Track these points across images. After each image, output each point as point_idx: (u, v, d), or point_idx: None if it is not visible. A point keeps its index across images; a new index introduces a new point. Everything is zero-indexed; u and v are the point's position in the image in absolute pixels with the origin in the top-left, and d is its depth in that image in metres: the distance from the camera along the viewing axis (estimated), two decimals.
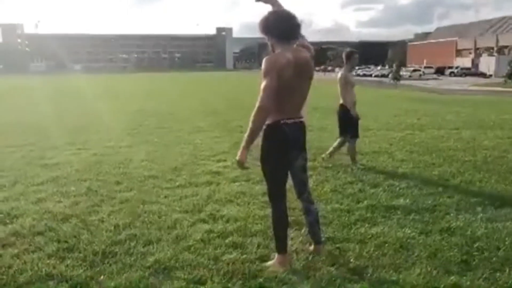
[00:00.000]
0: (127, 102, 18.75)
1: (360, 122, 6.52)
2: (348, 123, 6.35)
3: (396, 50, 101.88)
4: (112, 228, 4.00)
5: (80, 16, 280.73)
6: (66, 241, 3.70)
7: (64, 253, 3.48)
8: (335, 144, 6.66)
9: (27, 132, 10.03)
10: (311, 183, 5.45)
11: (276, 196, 3.23)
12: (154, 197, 4.96)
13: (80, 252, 3.49)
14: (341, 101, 6.37)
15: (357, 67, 49.38)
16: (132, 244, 3.64)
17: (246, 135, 2.97)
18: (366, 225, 4.06)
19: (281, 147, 3.12)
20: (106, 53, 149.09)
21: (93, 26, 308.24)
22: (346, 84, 6.28)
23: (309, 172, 5.88)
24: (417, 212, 4.41)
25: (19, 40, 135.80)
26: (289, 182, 3.33)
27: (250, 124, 2.96)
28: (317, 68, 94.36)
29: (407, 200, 4.76)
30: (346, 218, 4.23)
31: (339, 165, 6.43)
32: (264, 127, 3.05)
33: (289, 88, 3.00)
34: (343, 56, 6.34)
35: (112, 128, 10.58)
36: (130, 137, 9.15)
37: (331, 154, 6.66)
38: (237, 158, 3.00)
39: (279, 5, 3.35)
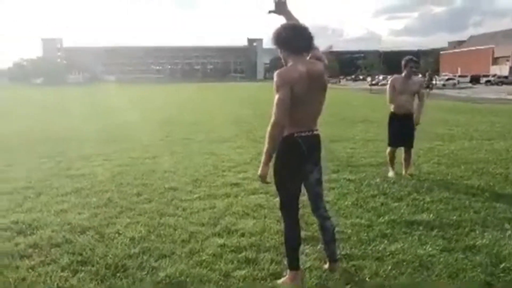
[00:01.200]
0: (156, 113, 19.04)
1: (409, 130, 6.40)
2: (391, 129, 6.40)
3: (429, 58, 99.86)
4: (127, 241, 4.01)
5: (116, 29, 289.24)
6: (81, 254, 3.72)
7: (77, 266, 3.50)
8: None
9: (58, 142, 10.27)
10: (332, 196, 5.39)
11: (289, 210, 3.16)
12: (172, 209, 4.96)
13: (93, 265, 3.50)
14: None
15: (388, 76, 48.55)
16: (145, 257, 3.63)
17: (264, 150, 2.94)
18: (385, 241, 3.92)
19: (295, 160, 3.06)
20: (140, 65, 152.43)
21: (129, 38, 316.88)
22: (392, 90, 6.27)
23: (332, 185, 5.87)
24: (440, 228, 4.23)
25: (58, 54, 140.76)
26: (306, 197, 3.26)
27: (266, 140, 2.93)
28: (348, 78, 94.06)
29: (431, 215, 4.59)
30: (365, 234, 4.10)
31: (363, 178, 6.29)
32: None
33: (302, 100, 2.95)
34: (402, 63, 6.30)
35: (139, 138, 10.72)
36: (155, 148, 9.24)
37: (406, 168, 6.50)
38: (259, 173, 2.98)
39: (292, 17, 3.32)
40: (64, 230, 4.31)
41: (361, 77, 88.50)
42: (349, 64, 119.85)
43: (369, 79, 64.15)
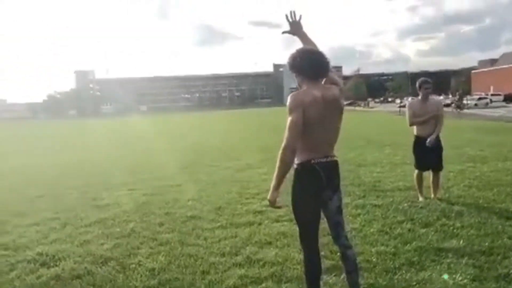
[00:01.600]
0: (183, 140, 19.27)
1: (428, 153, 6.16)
2: (415, 153, 6.33)
3: (459, 78, 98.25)
4: (148, 272, 3.99)
5: (146, 60, 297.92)
6: (100, 286, 3.72)
7: None
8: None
9: (86, 173, 10.48)
10: (358, 223, 5.24)
11: (308, 240, 3.06)
12: (194, 238, 4.92)
13: None
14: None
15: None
16: None
17: (274, 174, 2.88)
18: (412, 270, 3.76)
19: (313, 187, 2.98)
20: (170, 94, 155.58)
21: (158, 68, 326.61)
22: (412, 114, 6.19)
23: (358, 211, 5.73)
24: (471, 255, 4.03)
25: (91, 85, 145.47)
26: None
27: (277, 163, 2.87)
28: (376, 100, 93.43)
29: (461, 242, 4.38)
30: (391, 262, 3.94)
31: (389, 203, 6.11)
32: (294, 166, 2.95)
33: (317, 125, 2.89)
34: (416, 86, 6.22)
35: (165, 166, 10.83)
36: (180, 176, 9.29)
37: (434, 191, 6.31)
38: (268, 198, 2.92)
39: (307, 38, 3.32)
40: (86, 262, 4.33)
41: (389, 99, 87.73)
42: (377, 86, 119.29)
43: (397, 101, 63.41)
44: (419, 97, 6.19)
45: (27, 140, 25.56)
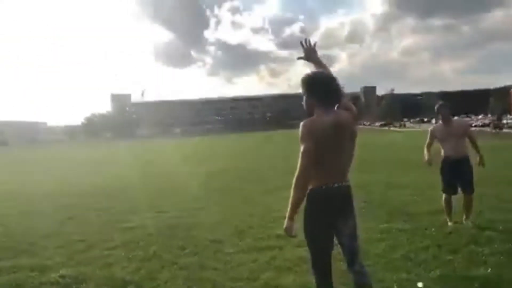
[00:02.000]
0: (212, 163, 19.41)
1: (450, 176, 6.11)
2: (442, 176, 6.23)
3: (498, 97, 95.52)
4: None
5: (177, 83, 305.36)
6: None
7: None
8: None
9: (114, 195, 10.67)
10: (381, 248, 5.10)
11: (319, 267, 3.01)
12: (214, 262, 4.90)
13: None
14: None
15: (455, 117, 46.57)
16: None
17: (289, 204, 2.85)
18: None
19: (325, 213, 2.94)
20: (203, 116, 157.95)
21: (191, 91, 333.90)
22: (432, 138, 6.21)
23: (382, 235, 5.58)
24: (499, 284, 3.85)
25: (127, 109, 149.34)
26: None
27: (291, 192, 2.85)
28: (411, 120, 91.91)
29: (489, 270, 4.19)
30: None
31: (416, 228, 5.93)
32: (307, 192, 2.92)
33: (329, 152, 2.87)
34: (435, 110, 6.19)
35: (192, 189, 10.92)
36: (206, 199, 9.33)
37: (466, 215, 6.10)
38: (284, 226, 2.88)
39: (322, 65, 3.32)
40: (107, 285, 4.38)
41: (425, 119, 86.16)
42: (413, 106, 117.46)
43: (433, 121, 62.16)
44: (440, 121, 6.10)
45: (62, 163, 26.36)
